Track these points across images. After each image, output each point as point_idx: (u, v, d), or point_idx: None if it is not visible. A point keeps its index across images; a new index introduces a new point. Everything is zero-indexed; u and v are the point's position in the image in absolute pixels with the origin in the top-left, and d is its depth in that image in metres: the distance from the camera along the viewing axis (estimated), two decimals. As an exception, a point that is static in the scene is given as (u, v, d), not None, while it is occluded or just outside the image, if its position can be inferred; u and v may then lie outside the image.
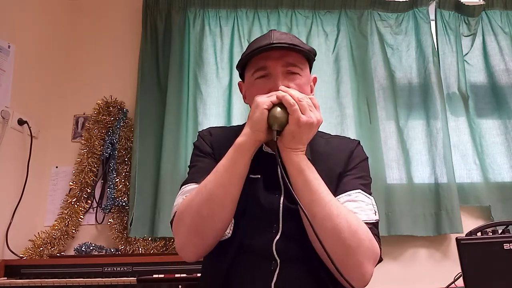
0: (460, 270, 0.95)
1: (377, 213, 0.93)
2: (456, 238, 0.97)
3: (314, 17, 2.26)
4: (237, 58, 2.14)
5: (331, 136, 1.10)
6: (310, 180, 0.86)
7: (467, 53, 2.27)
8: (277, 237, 0.90)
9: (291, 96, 0.86)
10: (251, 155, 0.90)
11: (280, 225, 0.91)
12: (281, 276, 0.88)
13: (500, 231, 1.00)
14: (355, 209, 0.89)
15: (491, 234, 0.99)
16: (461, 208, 1.97)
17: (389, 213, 1.96)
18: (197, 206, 0.87)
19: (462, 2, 2.29)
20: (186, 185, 0.97)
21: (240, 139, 0.90)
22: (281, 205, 0.93)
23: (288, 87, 0.92)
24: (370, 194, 0.97)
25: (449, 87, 2.21)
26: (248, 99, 1.02)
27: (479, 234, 1.00)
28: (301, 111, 0.86)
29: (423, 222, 1.97)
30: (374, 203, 0.95)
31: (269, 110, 0.88)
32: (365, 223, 0.87)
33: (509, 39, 2.27)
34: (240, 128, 0.98)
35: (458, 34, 2.27)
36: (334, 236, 0.82)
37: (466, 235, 1.02)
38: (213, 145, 1.03)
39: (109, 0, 2.34)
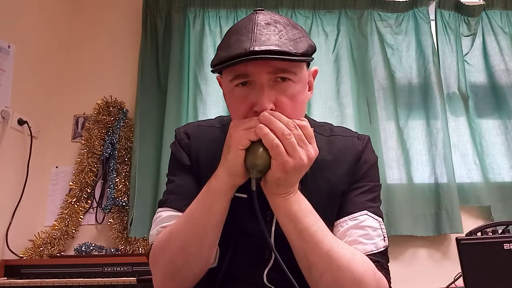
0: (460, 270, 0.95)
1: (386, 239, 0.81)
2: (456, 238, 0.97)
3: (314, 17, 2.26)
4: (237, 58, 2.14)
5: (333, 132, 0.90)
6: (305, 228, 0.72)
7: (467, 53, 2.27)
8: (269, 266, 0.82)
9: (274, 133, 0.67)
10: (228, 199, 0.76)
11: (273, 254, 0.79)
12: None
13: (500, 231, 0.99)
14: (361, 238, 0.78)
15: (491, 234, 0.99)
16: (461, 208, 1.97)
17: (389, 213, 1.96)
18: (170, 255, 0.76)
19: (462, 2, 2.29)
20: (163, 210, 0.84)
21: (214, 182, 0.74)
22: (272, 232, 0.80)
23: (277, 101, 0.73)
24: (379, 207, 0.85)
25: (449, 87, 2.21)
26: (227, 103, 0.83)
27: (479, 234, 1.00)
28: (287, 151, 0.67)
29: (423, 222, 1.97)
30: (383, 226, 0.82)
31: (247, 149, 0.70)
32: (372, 254, 0.77)
33: (509, 39, 2.27)
34: (222, 125, 0.88)
35: (458, 34, 2.27)
36: None
37: (466, 235, 1.02)
38: (191, 152, 0.88)
39: (109, 0, 2.34)
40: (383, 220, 0.83)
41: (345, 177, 0.84)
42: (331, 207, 0.82)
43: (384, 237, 0.81)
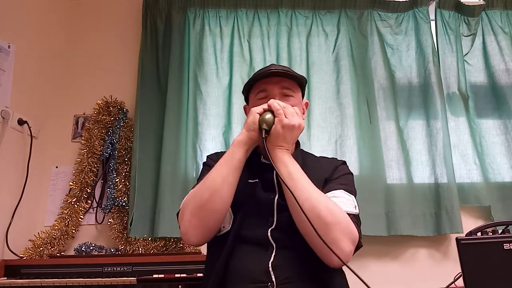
0: (460, 270, 0.95)
1: (357, 208, 1.05)
2: (456, 238, 0.97)
3: (314, 17, 2.26)
4: (237, 58, 2.15)
5: (320, 157, 1.29)
6: (292, 171, 1.01)
7: (467, 53, 2.27)
8: (272, 227, 1.04)
9: (278, 104, 1.06)
10: (246, 149, 1.07)
11: (275, 218, 1.05)
12: (278, 257, 1.00)
13: (500, 231, 0.99)
14: (337, 202, 1.01)
15: (491, 234, 0.99)
16: (461, 208, 1.97)
17: (389, 213, 1.96)
18: (200, 192, 1.03)
19: (462, 2, 2.29)
20: (191, 190, 1.11)
21: (237, 137, 1.08)
22: (275, 202, 1.07)
23: None
24: (352, 194, 1.09)
25: (449, 87, 2.21)
26: None
27: (479, 234, 1.00)
28: (285, 115, 1.04)
29: (423, 222, 1.97)
30: (355, 201, 1.08)
31: (261, 115, 1.06)
32: (346, 212, 0.99)
33: (509, 39, 2.27)
34: None
35: (458, 34, 2.27)
36: (313, 214, 0.93)
37: (466, 235, 1.02)
38: None
39: (109, 0, 2.34)
40: (355, 200, 1.08)
41: (327, 173, 1.14)
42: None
43: (356, 206, 1.05)
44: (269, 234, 1.02)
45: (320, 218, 0.93)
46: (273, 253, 1.00)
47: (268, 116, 1.05)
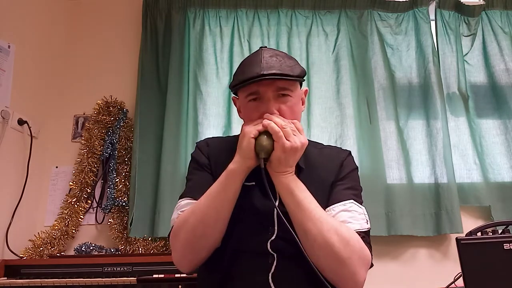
0: (460, 270, 0.95)
1: (368, 222, 0.98)
2: (456, 238, 0.97)
3: (314, 17, 2.26)
4: (237, 58, 2.14)
5: (323, 146, 1.16)
6: (300, 200, 0.92)
7: (467, 53, 2.27)
8: (272, 238, 0.95)
9: (275, 124, 0.91)
10: (241, 181, 0.95)
11: (276, 228, 0.96)
12: (279, 268, 0.93)
13: (500, 231, 0.99)
14: (349, 219, 0.95)
15: (491, 234, 0.99)
16: (461, 208, 1.97)
17: (389, 213, 1.96)
18: (191, 227, 0.93)
19: (462, 2, 2.29)
20: (182, 200, 1.02)
21: (231, 166, 0.95)
22: (275, 212, 0.97)
23: (280, 109, 0.98)
24: (361, 203, 1.02)
25: (449, 87, 2.21)
26: (243, 116, 1.07)
27: (479, 234, 1.00)
28: (285, 137, 0.91)
29: (423, 222, 1.97)
30: (366, 212, 1.00)
31: (256, 138, 0.93)
32: (358, 231, 0.93)
33: (509, 39, 2.27)
34: (237, 139, 1.00)
35: (458, 34, 2.27)
36: (326, 250, 0.88)
37: (466, 235, 1.02)
38: (210, 156, 1.08)
39: (109, 0, 2.34)
40: (366, 210, 1.01)
41: (332, 173, 1.04)
42: (322, 196, 0.99)
43: (367, 220, 0.98)
44: (268, 245, 0.95)
45: (334, 254, 0.87)
46: (274, 264, 0.93)
47: (265, 139, 0.91)
